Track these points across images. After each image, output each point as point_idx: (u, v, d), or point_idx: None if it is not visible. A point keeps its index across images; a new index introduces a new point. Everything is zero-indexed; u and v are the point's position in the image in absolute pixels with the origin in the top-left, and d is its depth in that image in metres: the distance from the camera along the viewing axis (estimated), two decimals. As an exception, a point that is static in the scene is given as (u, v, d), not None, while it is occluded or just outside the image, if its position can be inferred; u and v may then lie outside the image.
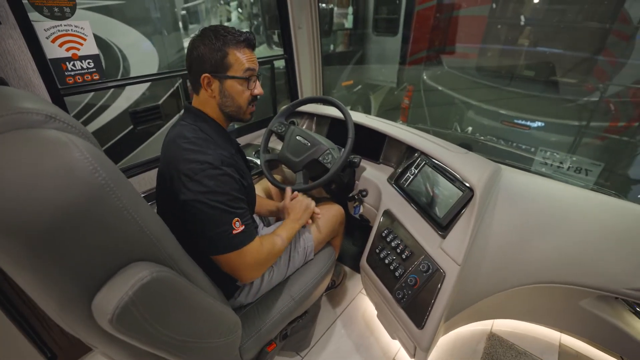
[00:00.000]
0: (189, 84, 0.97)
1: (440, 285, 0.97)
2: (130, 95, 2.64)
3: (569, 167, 1.81)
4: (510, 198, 1.16)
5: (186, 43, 3.93)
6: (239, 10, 5.41)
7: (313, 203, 1.17)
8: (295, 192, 1.18)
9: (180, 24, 3.37)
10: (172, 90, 2.82)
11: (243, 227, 0.80)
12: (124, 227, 0.51)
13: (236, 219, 0.79)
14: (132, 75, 2.57)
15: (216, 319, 0.71)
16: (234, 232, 0.79)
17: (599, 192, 1.24)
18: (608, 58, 2.43)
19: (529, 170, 1.59)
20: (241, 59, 0.84)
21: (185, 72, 1.69)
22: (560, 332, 1.39)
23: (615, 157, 2.42)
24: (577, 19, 2.65)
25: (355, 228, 1.83)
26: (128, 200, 0.51)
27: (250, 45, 0.86)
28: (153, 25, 2.91)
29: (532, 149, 2.74)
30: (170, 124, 2.82)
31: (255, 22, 4.74)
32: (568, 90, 2.78)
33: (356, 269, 1.73)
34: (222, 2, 5.15)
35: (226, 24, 5.29)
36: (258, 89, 0.90)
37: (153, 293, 0.53)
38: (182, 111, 0.91)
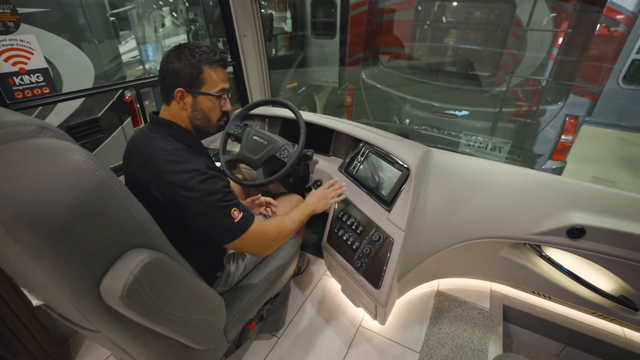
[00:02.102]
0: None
1: (391, 250, 1.16)
2: (61, 110, 2.45)
3: (486, 147, 2.16)
4: (440, 174, 1.40)
5: (122, 49, 3.76)
6: (174, 14, 5.25)
7: (334, 195, 1.30)
8: (333, 180, 1.33)
9: (112, 31, 3.22)
10: (112, 101, 2.71)
11: (242, 213, 0.89)
12: (122, 218, 0.59)
13: (234, 209, 0.88)
14: (64, 85, 2.43)
15: (204, 297, 0.81)
16: (236, 220, 0.88)
17: (509, 164, 1.53)
18: (509, 54, 2.90)
19: (456, 152, 1.88)
20: (215, 77, 0.91)
21: (138, 81, 1.70)
22: (490, 281, 1.68)
23: (522, 136, 2.89)
24: (485, 21, 3.10)
25: (313, 219, 1.98)
26: (123, 195, 0.60)
27: (224, 65, 0.93)
28: (83, 33, 2.76)
29: (461, 135, 3.15)
30: (114, 136, 2.72)
31: (193, 28, 4.65)
32: (483, 82, 3.22)
33: (318, 255, 1.88)
34: (154, 6, 4.96)
35: (160, 30, 5.11)
36: (227, 106, 0.97)
37: (152, 273, 0.62)
38: (149, 122, 0.95)
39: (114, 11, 3.88)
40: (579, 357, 1.47)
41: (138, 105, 2.61)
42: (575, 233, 1.21)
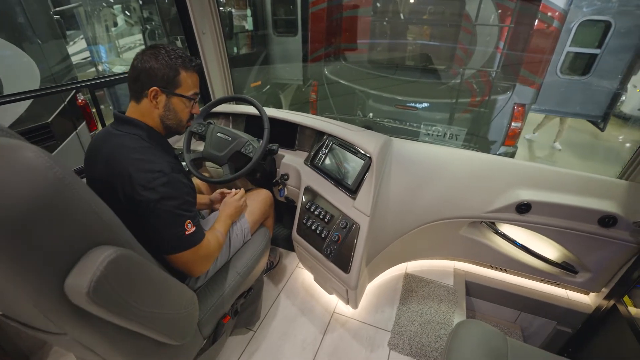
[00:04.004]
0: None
1: (357, 235, 1.21)
2: (2, 116, 2.25)
3: (444, 135, 2.30)
4: (401, 162, 1.48)
5: (71, 50, 3.53)
6: (126, 13, 5.01)
7: (243, 200, 1.27)
8: (234, 191, 1.28)
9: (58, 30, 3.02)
10: (63, 105, 2.54)
11: (194, 228, 0.90)
12: (84, 215, 0.59)
13: (188, 221, 0.88)
14: (5, 89, 2.25)
15: (175, 291, 0.81)
16: (187, 232, 0.88)
17: (465, 149, 1.64)
18: (462, 48, 3.07)
19: (416, 140, 1.99)
20: (190, 82, 0.94)
21: (93, 81, 1.64)
22: (453, 260, 1.80)
23: (477, 125, 3.09)
24: (439, 17, 3.26)
25: (283, 213, 2.01)
26: (83, 191, 0.59)
27: (199, 71, 0.98)
28: (23, 32, 2.56)
29: (422, 125, 3.30)
30: (68, 143, 2.56)
31: (149, 27, 4.47)
32: (440, 75, 3.39)
33: (290, 248, 1.91)
34: (104, 4, 4.70)
35: (113, 29, 4.85)
36: (196, 109, 1.01)
37: (120, 268, 0.62)
38: (113, 120, 0.94)
39: (57, 9, 3.63)
40: (532, 320, 1.63)
41: (94, 110, 2.48)
42: (523, 208, 1.33)
